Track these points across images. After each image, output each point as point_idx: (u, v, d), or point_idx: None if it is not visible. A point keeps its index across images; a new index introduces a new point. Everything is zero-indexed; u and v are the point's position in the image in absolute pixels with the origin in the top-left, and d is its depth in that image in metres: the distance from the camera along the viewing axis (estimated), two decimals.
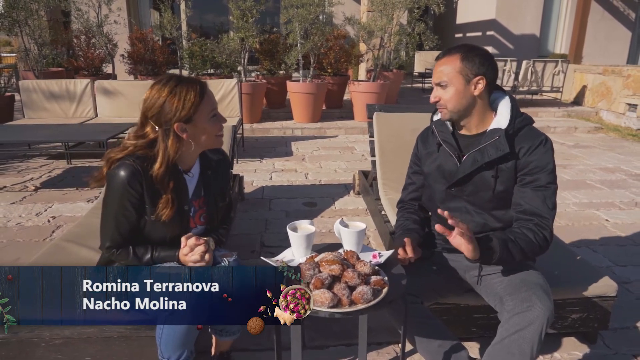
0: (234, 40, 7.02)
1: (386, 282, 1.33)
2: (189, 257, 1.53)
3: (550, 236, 1.60)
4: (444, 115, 1.68)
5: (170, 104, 1.45)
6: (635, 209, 3.81)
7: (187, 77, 1.54)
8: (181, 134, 1.49)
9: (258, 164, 5.13)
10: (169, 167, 1.50)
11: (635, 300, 2.42)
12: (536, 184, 1.61)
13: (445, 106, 1.65)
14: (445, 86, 1.63)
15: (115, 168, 1.48)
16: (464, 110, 1.65)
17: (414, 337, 1.60)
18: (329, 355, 1.97)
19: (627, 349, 2.02)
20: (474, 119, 1.67)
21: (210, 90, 1.55)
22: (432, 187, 1.80)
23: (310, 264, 1.32)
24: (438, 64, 1.66)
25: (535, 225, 1.58)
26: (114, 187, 1.48)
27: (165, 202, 1.50)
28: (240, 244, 3.05)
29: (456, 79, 1.61)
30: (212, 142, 1.58)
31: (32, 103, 5.66)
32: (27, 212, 3.61)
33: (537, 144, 1.62)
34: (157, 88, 1.48)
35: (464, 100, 1.62)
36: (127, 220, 1.52)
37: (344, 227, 1.55)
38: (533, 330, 1.41)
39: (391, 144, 3.25)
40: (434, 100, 1.67)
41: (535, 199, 1.60)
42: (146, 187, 1.49)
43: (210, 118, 1.52)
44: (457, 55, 1.61)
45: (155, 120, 1.48)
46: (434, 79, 1.68)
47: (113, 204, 1.50)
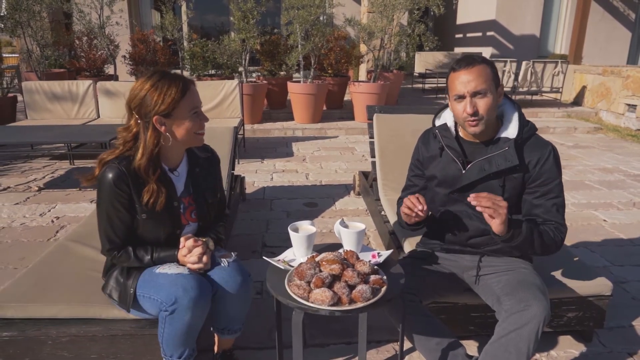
0: (235, 41, 7.05)
1: (385, 281, 1.36)
2: (187, 259, 1.57)
3: (563, 240, 1.67)
4: (478, 128, 1.61)
5: (151, 97, 1.49)
6: (633, 209, 3.85)
7: (173, 73, 1.57)
8: (159, 127, 1.52)
9: (259, 165, 5.17)
10: (150, 159, 1.54)
11: (631, 300, 2.45)
12: (550, 195, 1.67)
13: (483, 117, 1.59)
14: (484, 94, 1.57)
15: (103, 171, 1.53)
16: (493, 120, 1.66)
17: (413, 335, 1.64)
18: (330, 354, 2.01)
19: (622, 348, 2.06)
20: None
21: (194, 89, 1.57)
22: (434, 190, 1.83)
23: (311, 264, 1.35)
24: (469, 72, 1.57)
25: (554, 227, 1.64)
26: (103, 190, 1.53)
27: (150, 191, 1.53)
28: (241, 244, 3.08)
29: (492, 88, 1.59)
30: (191, 139, 1.60)
31: (35, 104, 5.70)
32: (31, 213, 3.65)
33: (546, 155, 1.66)
34: (142, 80, 1.53)
35: (496, 109, 1.63)
36: (121, 220, 1.56)
37: (344, 228, 1.59)
38: (530, 329, 1.44)
39: (391, 145, 3.29)
40: (471, 111, 1.57)
41: (551, 210, 1.66)
42: (133, 186, 1.53)
43: (190, 115, 1.55)
44: (484, 64, 1.59)
45: (137, 112, 1.52)
46: (468, 88, 1.56)
47: (104, 205, 1.55)
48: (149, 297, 1.54)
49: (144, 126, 1.53)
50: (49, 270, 1.99)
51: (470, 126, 1.62)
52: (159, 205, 1.55)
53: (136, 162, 1.53)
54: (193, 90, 1.57)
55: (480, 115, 1.59)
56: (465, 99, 1.58)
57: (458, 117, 1.66)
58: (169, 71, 1.59)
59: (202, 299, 1.49)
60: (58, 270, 1.99)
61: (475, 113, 1.58)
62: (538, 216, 1.67)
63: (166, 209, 1.60)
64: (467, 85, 1.57)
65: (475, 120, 1.60)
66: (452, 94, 1.62)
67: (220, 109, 5.71)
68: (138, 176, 1.53)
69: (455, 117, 1.68)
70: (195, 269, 1.56)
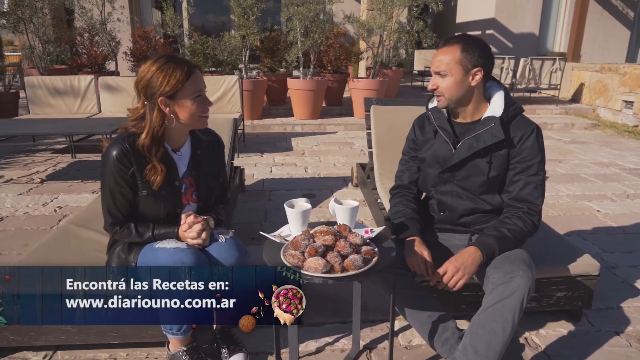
0: (235, 37, 7.12)
1: (376, 252, 1.42)
2: (187, 234, 1.63)
3: (538, 221, 1.72)
4: (441, 103, 1.74)
5: (157, 79, 1.55)
6: (627, 200, 3.90)
7: (179, 57, 1.64)
8: (164, 108, 1.59)
9: (259, 158, 5.23)
10: (154, 138, 1.60)
11: (620, 284, 2.51)
12: (529, 172, 1.71)
13: (443, 94, 1.70)
14: (444, 75, 1.68)
15: (107, 148, 1.60)
16: (461, 99, 1.72)
17: (405, 308, 1.70)
18: (325, 332, 2.07)
19: (611, 327, 2.11)
20: (470, 108, 1.75)
21: (199, 73, 1.64)
22: (426, 171, 1.90)
23: (305, 235, 1.42)
24: (438, 52, 1.70)
25: (524, 213, 1.69)
26: (106, 165, 1.60)
27: (152, 170, 1.60)
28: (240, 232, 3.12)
29: (455, 69, 1.66)
30: (195, 121, 1.66)
31: (37, 99, 5.76)
32: (34, 203, 3.71)
33: (529, 132, 1.71)
34: (150, 63, 1.60)
35: (461, 89, 1.69)
36: (123, 196, 1.63)
37: (338, 205, 1.65)
38: (515, 299, 1.50)
39: (388, 135, 3.34)
40: (432, 87, 1.72)
41: (527, 186, 1.71)
42: (135, 163, 1.60)
43: (194, 98, 1.61)
44: (457, 45, 1.66)
45: (144, 93, 1.59)
46: (433, 67, 1.71)
47: (107, 181, 1.62)
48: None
49: (150, 107, 1.60)
50: (54, 251, 2.05)
51: (436, 100, 1.76)
52: (158, 184, 1.61)
53: (140, 141, 1.59)
54: (197, 74, 1.63)
55: (440, 91, 1.71)
56: (432, 76, 1.73)
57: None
58: (176, 55, 1.66)
59: None
60: (62, 251, 2.05)
61: (436, 90, 1.71)
62: (512, 192, 1.73)
63: (168, 188, 1.66)
64: (434, 62, 1.71)
65: (438, 96, 1.73)
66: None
67: (220, 104, 5.77)
68: (141, 154, 1.60)
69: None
70: (194, 244, 1.62)
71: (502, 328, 1.50)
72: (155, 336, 1.81)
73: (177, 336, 1.71)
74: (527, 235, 1.70)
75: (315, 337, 2.03)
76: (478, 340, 1.53)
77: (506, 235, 1.66)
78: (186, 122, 1.64)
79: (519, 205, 1.71)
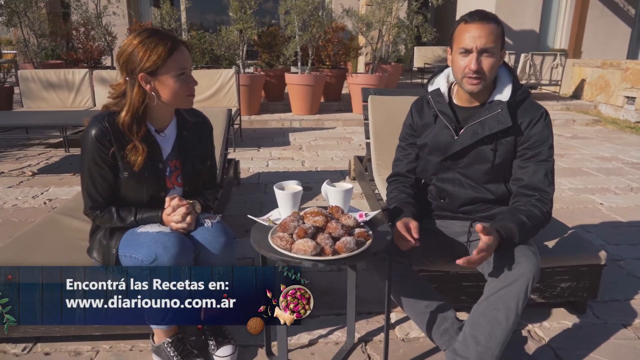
0: (233, 32, 7.03)
1: (370, 235, 1.33)
2: (171, 217, 1.54)
3: (551, 210, 1.60)
4: (477, 87, 1.54)
5: (138, 53, 1.46)
6: (630, 193, 3.81)
7: (164, 31, 1.54)
8: (144, 85, 1.50)
9: (255, 153, 5.14)
10: (135, 117, 1.51)
11: (626, 276, 2.43)
12: (538, 158, 1.60)
13: (484, 76, 1.52)
14: (491, 54, 1.50)
15: (86, 127, 1.51)
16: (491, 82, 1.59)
17: (401, 298, 1.61)
18: (320, 323, 1.98)
19: (617, 319, 2.03)
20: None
21: (185, 50, 1.54)
22: (426, 158, 1.79)
23: (295, 216, 1.33)
24: (482, 27, 1.48)
25: (537, 200, 1.57)
26: (85, 145, 1.51)
27: (133, 149, 1.51)
28: (234, 225, 3.05)
29: (498, 47, 1.52)
30: (180, 101, 1.57)
31: (31, 92, 5.67)
32: (24, 195, 3.62)
33: (538, 117, 1.61)
34: (132, 36, 1.50)
35: (496, 70, 1.56)
36: (103, 178, 1.53)
37: (331, 187, 1.56)
38: (519, 286, 1.41)
39: (385, 126, 3.26)
40: (475, 68, 1.49)
41: (537, 173, 1.59)
42: (116, 142, 1.50)
43: (177, 76, 1.51)
44: (493, 19, 1.51)
45: (125, 68, 1.50)
46: (478, 44, 1.48)
47: (86, 162, 1.52)
48: (129, 256, 1.51)
49: (131, 83, 1.51)
50: (37, 239, 1.97)
51: (469, 84, 1.55)
52: (139, 164, 1.52)
53: (120, 119, 1.50)
54: (182, 50, 1.53)
55: (483, 73, 1.52)
56: (472, 54, 1.50)
57: (458, 72, 1.57)
58: (161, 29, 1.56)
59: (182, 256, 1.46)
60: (45, 239, 1.97)
61: (479, 70, 1.51)
62: (522, 180, 1.60)
63: (151, 170, 1.57)
64: (477, 40, 1.48)
65: (477, 79, 1.53)
66: (459, 47, 1.53)
67: (217, 97, 5.68)
68: (122, 133, 1.51)
69: (455, 72, 1.59)
70: (178, 228, 1.54)
71: (505, 316, 1.40)
72: (140, 328, 1.73)
73: (161, 326, 1.62)
74: (544, 223, 1.57)
75: (308, 329, 1.95)
76: (479, 330, 1.44)
77: (525, 222, 1.50)
78: (169, 100, 1.54)
79: (530, 194, 1.58)
